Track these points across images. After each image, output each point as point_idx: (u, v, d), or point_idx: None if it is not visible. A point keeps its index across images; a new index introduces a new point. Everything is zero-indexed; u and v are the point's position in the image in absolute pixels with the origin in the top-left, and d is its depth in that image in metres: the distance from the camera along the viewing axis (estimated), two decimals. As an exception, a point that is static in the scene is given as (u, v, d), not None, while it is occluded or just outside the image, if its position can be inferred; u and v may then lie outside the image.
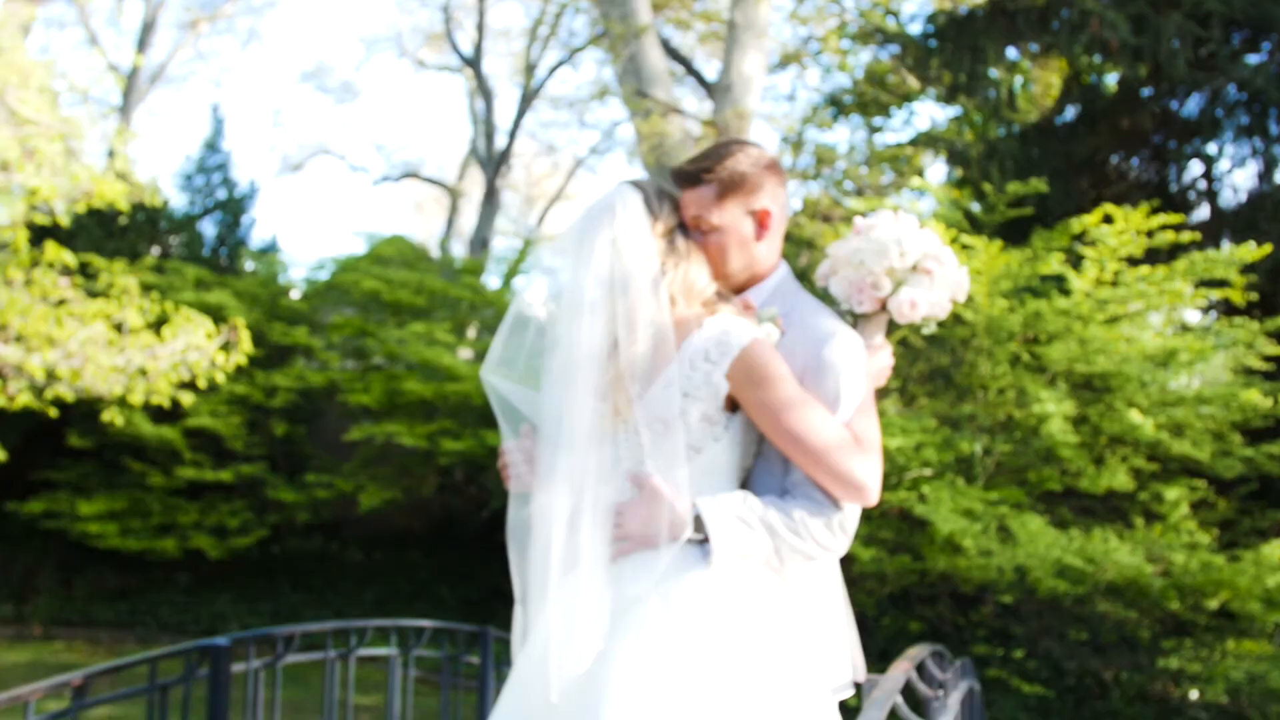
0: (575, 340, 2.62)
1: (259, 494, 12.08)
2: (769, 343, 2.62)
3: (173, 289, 11.77)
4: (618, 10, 15.27)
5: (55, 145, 6.95)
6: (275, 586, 12.46)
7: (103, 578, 12.51)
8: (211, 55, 35.21)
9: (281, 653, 3.44)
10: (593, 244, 2.65)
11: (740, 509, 2.56)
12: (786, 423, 2.55)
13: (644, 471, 2.60)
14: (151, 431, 11.30)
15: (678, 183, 2.77)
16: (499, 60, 28.31)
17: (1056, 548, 8.09)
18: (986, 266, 8.63)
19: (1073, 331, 8.80)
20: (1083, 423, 8.98)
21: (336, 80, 33.49)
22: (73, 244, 12.67)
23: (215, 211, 14.14)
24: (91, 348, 6.89)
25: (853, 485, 2.55)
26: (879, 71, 18.39)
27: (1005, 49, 12.29)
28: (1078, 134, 12.07)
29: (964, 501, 8.19)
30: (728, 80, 15.78)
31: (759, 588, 2.60)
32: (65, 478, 12.06)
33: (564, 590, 2.58)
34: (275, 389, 11.85)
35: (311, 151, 28.38)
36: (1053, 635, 9.12)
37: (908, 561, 8.43)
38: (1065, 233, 9.07)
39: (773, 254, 2.81)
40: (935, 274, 2.76)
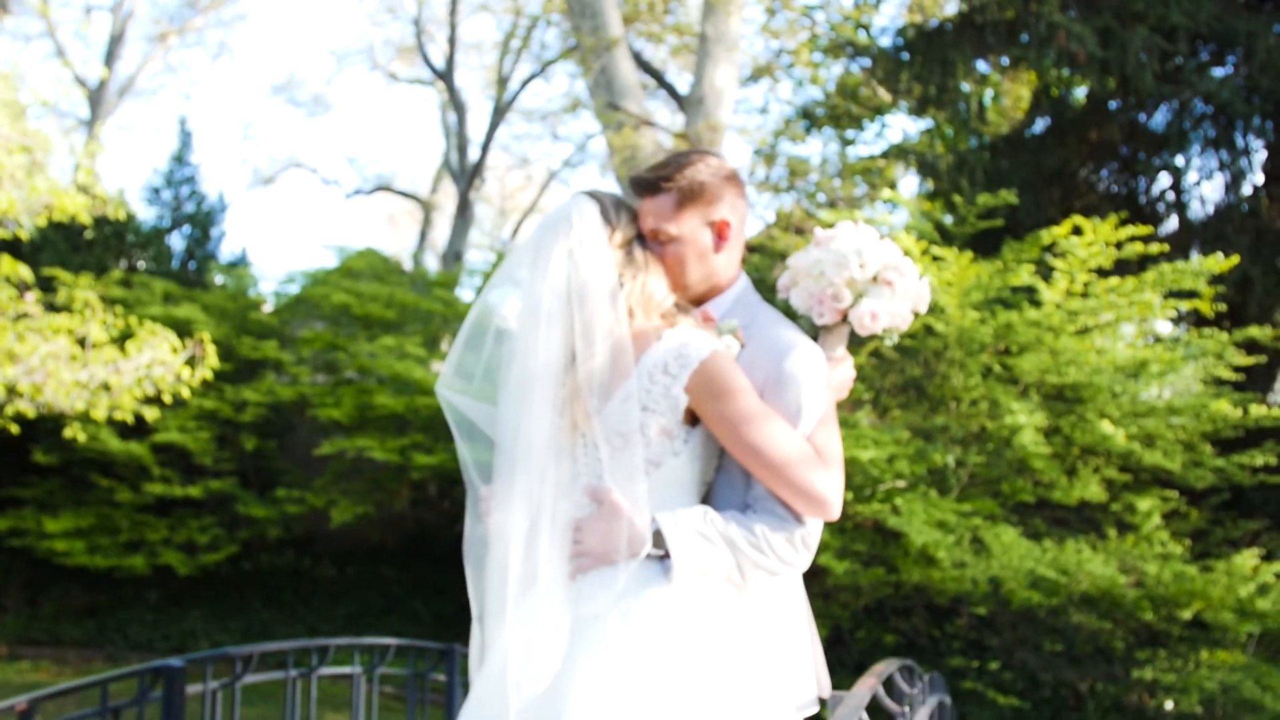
0: (532, 353, 2.58)
1: (229, 510, 11.97)
2: (729, 355, 2.59)
3: (140, 303, 11.66)
4: (589, 23, 15.26)
5: (16, 158, 6.86)
6: (246, 603, 12.34)
7: (70, 596, 12.36)
8: (181, 68, 35.04)
9: (240, 673, 3.38)
10: (549, 255, 2.61)
11: (701, 524, 2.52)
12: (746, 436, 2.51)
13: (603, 486, 2.56)
14: (119, 447, 11.18)
15: (636, 191, 2.73)
16: (471, 73, 28.32)
17: (1030, 559, 8.09)
18: (957, 278, 8.63)
19: (1044, 343, 8.81)
20: (1055, 434, 8.99)
21: (308, 93, 33.40)
22: (38, 258, 12.55)
23: (183, 225, 14.03)
24: (53, 363, 6.79)
25: (814, 499, 2.52)
26: (851, 84, 18.45)
27: (975, 62, 12.33)
28: (1047, 146, 12.12)
29: (937, 513, 8.18)
30: (699, 93, 15.79)
31: (720, 604, 2.56)
32: (31, 495, 11.91)
33: (522, 609, 2.53)
34: (245, 404, 11.74)
35: (283, 165, 28.26)
36: (1028, 647, 9.11)
37: (882, 574, 8.41)
38: (1035, 244, 9.08)
39: (732, 265, 2.78)
40: (896, 285, 2.73)
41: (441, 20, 24.84)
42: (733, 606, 2.57)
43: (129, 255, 13.07)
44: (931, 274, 8.67)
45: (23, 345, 6.93)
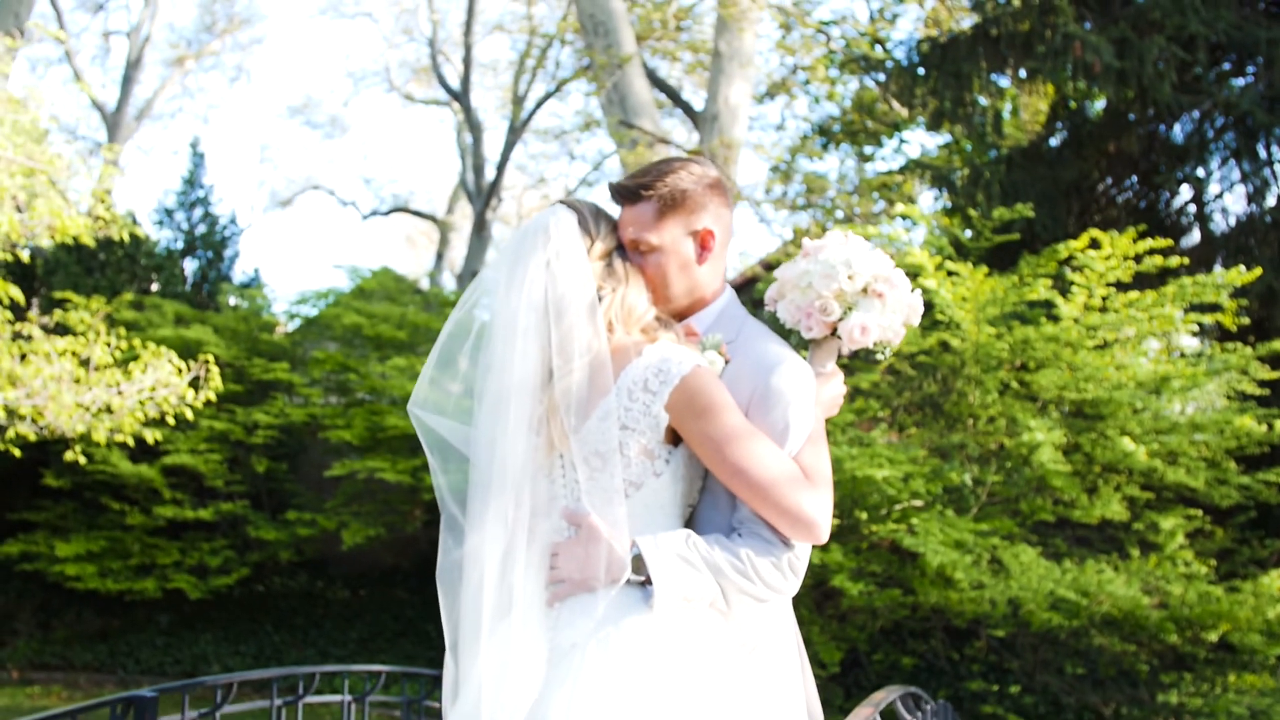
0: (508, 369, 2.47)
1: (241, 532, 11.89)
2: (712, 371, 2.47)
3: (152, 325, 11.62)
4: (601, 41, 15.21)
5: (18, 180, 6.82)
6: (258, 626, 12.24)
7: (82, 619, 12.29)
8: (199, 92, 35.21)
9: (220, 702, 3.26)
10: (526, 267, 2.50)
11: (683, 548, 2.39)
12: (730, 456, 2.39)
13: (581, 509, 2.44)
14: (130, 470, 11.11)
15: (616, 199, 2.62)
16: (486, 93, 28.34)
17: (1049, 580, 7.91)
18: (972, 293, 8.48)
19: (1062, 358, 8.65)
20: (1075, 451, 8.81)
21: (325, 115, 33.46)
22: (51, 281, 12.55)
23: (196, 247, 14.01)
24: (55, 385, 6.72)
25: (801, 522, 2.39)
26: (867, 100, 18.36)
27: (990, 75, 12.20)
28: (1064, 159, 11.97)
29: (954, 533, 8.00)
30: (714, 109, 15.70)
31: (704, 632, 2.43)
32: (43, 518, 11.86)
33: (496, 637, 2.41)
34: (256, 425, 11.67)
35: (300, 187, 28.35)
36: (1050, 669, 8.91)
37: (898, 595, 8.23)
38: (1052, 258, 8.93)
39: (716, 277, 2.66)
40: (887, 297, 2.60)
41: (457, 41, 24.90)
42: (717, 635, 2.44)
43: (141, 277, 13.04)
44: (946, 289, 8.53)
45: (26, 368, 6.87)
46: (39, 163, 7.22)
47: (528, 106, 23.50)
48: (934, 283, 8.48)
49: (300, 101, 32.95)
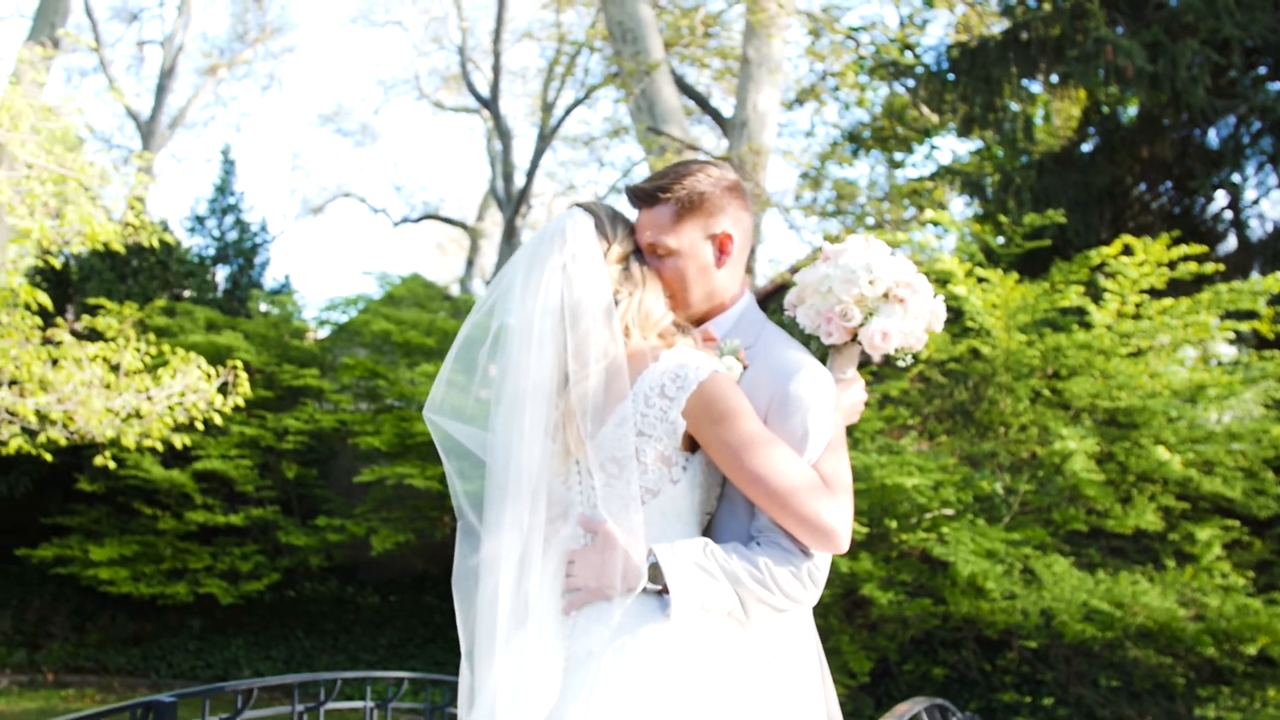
0: (523, 373, 2.44)
1: (271, 538, 11.93)
2: (730, 377, 2.43)
3: (183, 331, 11.69)
4: (630, 48, 15.20)
5: (48, 187, 6.87)
6: (289, 632, 12.28)
7: (117, 623, 12.36)
8: (231, 100, 35.50)
9: (241, 707, 3.26)
10: (542, 271, 2.47)
11: (701, 557, 2.36)
12: (748, 463, 2.35)
13: (597, 516, 2.41)
14: (162, 475, 11.18)
15: (633, 202, 2.59)
16: (516, 101, 28.41)
17: (1083, 591, 7.81)
18: (1003, 300, 8.40)
19: (1094, 366, 8.55)
20: (1108, 460, 8.70)
21: (355, 123, 33.66)
22: (85, 288, 12.66)
23: (227, 254, 14.10)
24: (86, 391, 6.76)
25: (820, 530, 2.35)
26: (898, 106, 18.28)
27: (1020, 79, 12.10)
28: (1097, 164, 11.85)
29: (985, 542, 7.92)
30: (742, 116, 15.66)
31: (722, 642, 2.39)
32: (77, 523, 11.94)
33: (512, 647, 2.38)
34: (286, 431, 11.71)
35: (332, 194, 28.53)
36: (1084, 681, 8.81)
37: (928, 605, 8.15)
38: (1084, 265, 8.84)
39: (735, 281, 2.62)
40: (909, 302, 2.56)
41: (486, 49, 24.99)
42: (736, 645, 2.40)
43: (174, 284, 13.13)
44: (976, 295, 8.45)
45: (58, 373, 6.91)
46: (70, 170, 7.27)
47: (557, 113, 23.56)
48: (964, 289, 8.41)
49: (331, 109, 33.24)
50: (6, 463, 11.21)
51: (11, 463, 11.23)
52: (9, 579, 12.38)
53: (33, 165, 7.18)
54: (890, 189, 19.12)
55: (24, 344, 6.30)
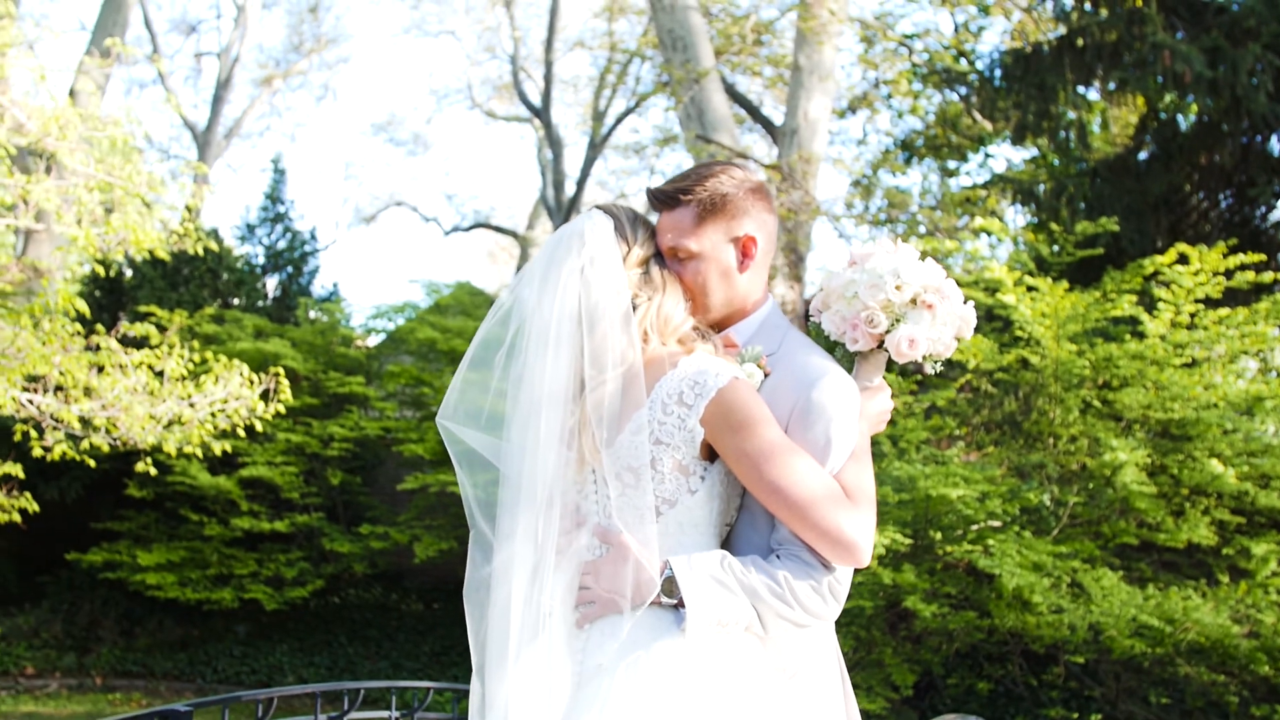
0: (539, 379, 2.39)
1: (316, 544, 11.98)
2: (750, 385, 2.37)
3: (231, 338, 11.78)
4: (680, 56, 15.16)
5: (94, 195, 6.94)
6: (333, 638, 12.32)
7: (164, 628, 12.46)
8: (286, 110, 35.89)
9: (262, 717, 3.22)
10: (559, 274, 2.42)
11: (718, 570, 2.29)
12: (767, 473, 2.28)
13: (613, 527, 2.35)
14: (209, 482, 11.26)
15: (654, 205, 2.53)
16: (567, 110, 28.47)
17: (1132, 605, 7.62)
18: (1053, 309, 8.24)
19: (1147, 376, 8.37)
20: (1160, 473, 8.51)
21: (408, 132, 33.88)
22: (137, 295, 12.80)
23: (277, 262, 14.22)
24: (129, 397, 6.81)
25: (840, 543, 2.27)
26: (951, 114, 18.10)
27: (1075, 86, 11.91)
28: (1153, 171, 11.63)
29: (1032, 555, 7.76)
30: (793, 124, 15.55)
31: (740, 658, 2.32)
32: (126, 528, 12.06)
33: (524, 662, 2.32)
34: (331, 438, 11.76)
35: (384, 203, 28.74)
36: (1134, 698, 8.60)
37: (973, 618, 8.00)
38: (1137, 273, 8.66)
39: (758, 286, 2.56)
40: (937, 309, 2.47)
41: (538, 58, 25.06)
42: (753, 661, 2.33)
43: (224, 292, 13.26)
44: (1025, 305, 8.30)
45: (103, 379, 6.97)
46: (117, 178, 7.34)
47: (608, 122, 23.57)
48: (1013, 298, 8.27)
49: (385, 119, 33.38)
50: (58, 468, 11.33)
51: (63, 469, 11.35)
52: (60, 583, 12.53)
53: (79, 173, 7.24)
54: (943, 197, 18.93)
55: (66, 350, 6.35)
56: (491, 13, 26.59)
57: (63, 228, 6.79)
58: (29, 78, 7.76)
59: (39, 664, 11.82)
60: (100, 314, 12.44)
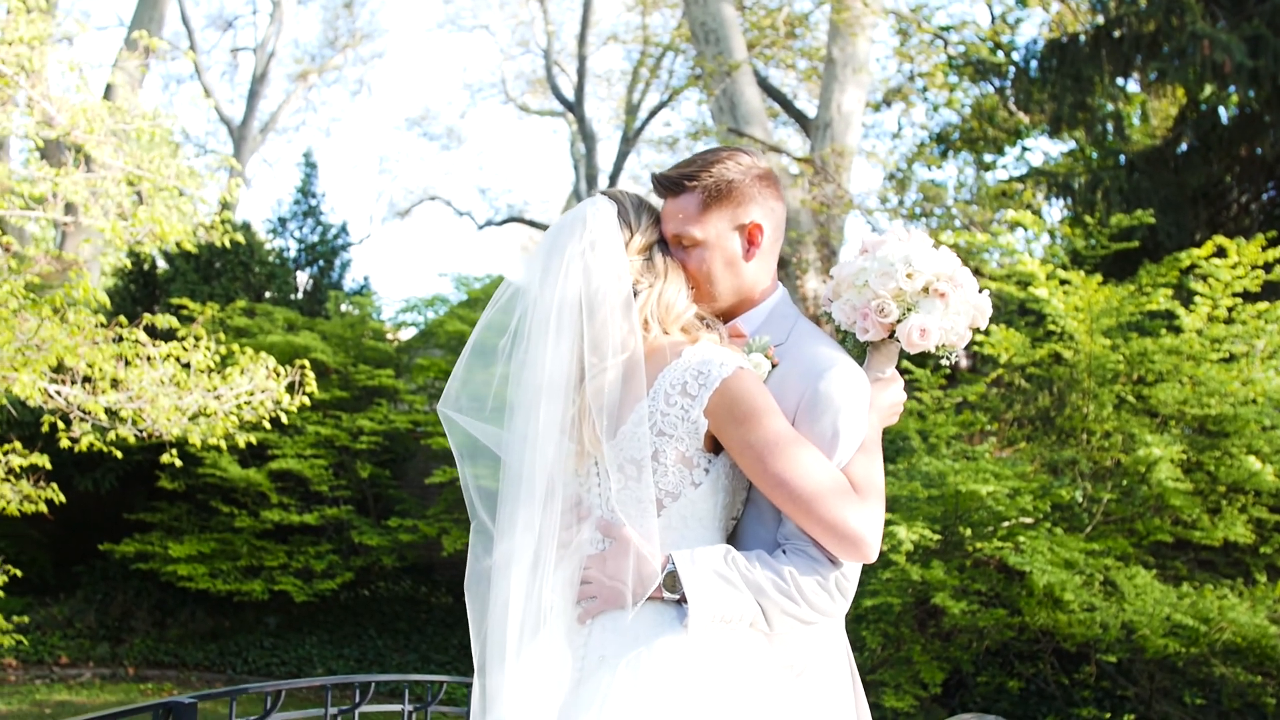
0: (540, 367, 2.34)
1: (345, 537, 12.00)
2: (756, 375, 2.30)
3: (262, 331, 11.82)
4: (712, 49, 15.08)
5: (121, 188, 6.95)
6: (362, 630, 12.35)
7: (196, 619, 12.54)
8: (321, 105, 36.06)
9: (270, 709, 3.20)
10: (561, 260, 2.37)
11: (722, 565, 2.24)
12: (772, 465, 2.22)
13: (616, 520, 2.30)
14: (239, 474, 11.31)
15: (659, 191, 2.48)
16: (600, 104, 28.48)
17: (1166, 604, 7.48)
18: (1086, 303, 8.11)
19: (1183, 371, 8.22)
20: (1196, 469, 8.36)
21: (442, 126, 33.99)
22: (170, 288, 12.88)
23: (308, 255, 14.27)
24: (156, 389, 6.82)
25: (847, 538, 2.21)
26: (987, 106, 17.91)
27: (1113, 77, 11.73)
28: (1192, 163, 11.44)
29: (1064, 552, 7.64)
30: (826, 117, 15.45)
31: (744, 655, 2.26)
32: (158, 519, 12.14)
33: (524, 658, 2.28)
34: (361, 431, 11.77)
35: (418, 197, 28.81)
36: (1169, 698, 8.46)
37: (1003, 615, 7.89)
38: (1173, 267, 8.51)
39: (766, 275, 2.49)
40: (950, 298, 2.40)
41: (572, 52, 25.04)
42: (759, 657, 2.27)
43: (255, 285, 13.31)
44: (1058, 298, 8.17)
45: (131, 371, 6.98)
46: (146, 171, 7.36)
47: (641, 116, 23.52)
48: (1045, 292, 8.15)
49: (419, 113, 33.56)
50: (92, 460, 11.42)
51: (97, 460, 11.43)
52: (94, 574, 12.63)
53: (109, 166, 7.26)
54: (979, 191, 18.74)
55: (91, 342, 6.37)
56: (525, 7, 26.60)
57: (90, 220, 6.81)
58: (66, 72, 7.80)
59: (73, 653, 11.92)
60: (134, 307, 12.52)
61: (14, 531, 12.27)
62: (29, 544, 12.73)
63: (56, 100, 7.24)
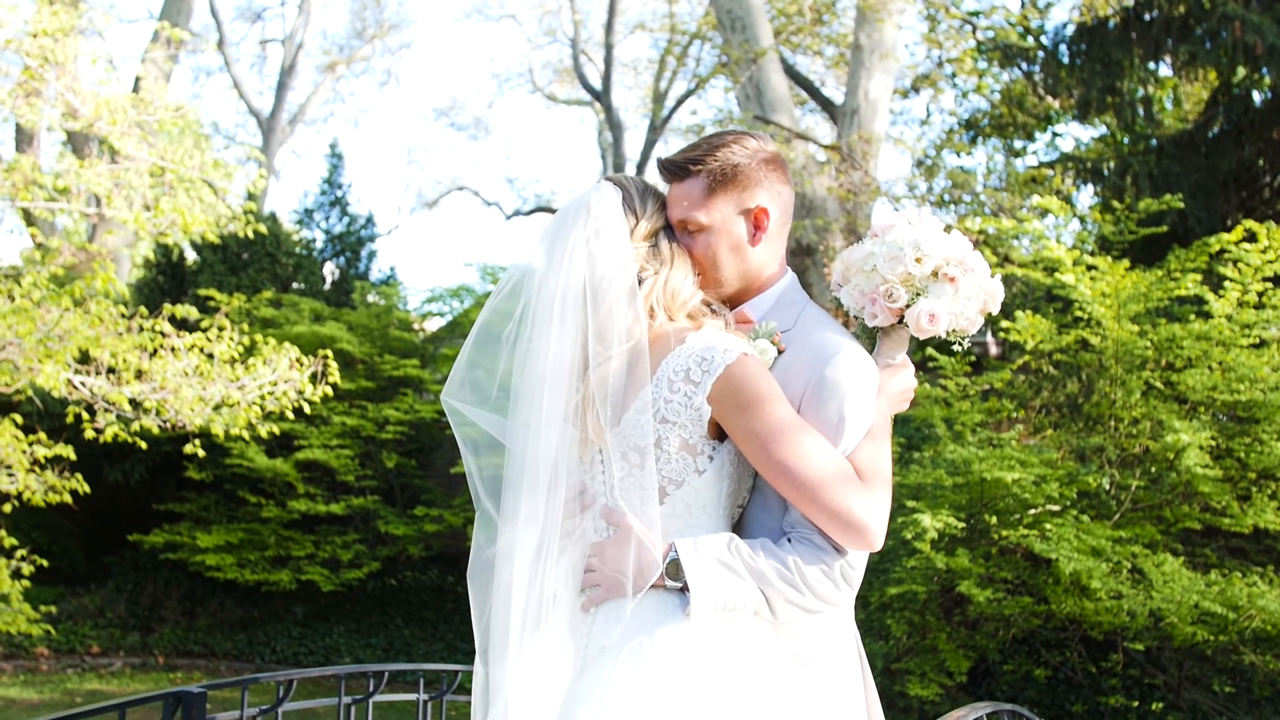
0: (544, 355, 2.32)
1: (372, 527, 12.06)
2: (760, 361, 2.28)
3: (289, 322, 11.87)
4: (739, 37, 15.00)
5: (144, 179, 6.99)
6: (389, 620, 12.41)
7: (225, 609, 12.63)
8: (350, 96, 36.15)
9: (282, 698, 3.20)
10: (565, 247, 2.35)
11: (725, 553, 2.21)
12: (776, 452, 2.19)
13: (619, 507, 2.28)
14: (265, 464, 11.38)
15: (664, 176, 2.45)
16: (627, 93, 28.37)
17: (1194, 591, 7.40)
18: (1113, 288, 8.02)
19: (1212, 357, 8.12)
20: (1226, 456, 8.26)
21: (469, 117, 34.01)
22: (198, 280, 12.95)
23: (335, 246, 14.32)
24: (179, 379, 6.87)
25: (851, 525, 2.18)
26: (1016, 92, 17.75)
27: (1143, 61, 11.59)
28: (1223, 147, 11.28)
29: (1090, 539, 7.57)
30: (853, 104, 15.34)
31: (749, 644, 2.23)
32: (187, 510, 12.23)
33: (527, 646, 2.26)
34: (386, 421, 11.82)
35: (446, 188, 28.83)
36: (1199, 686, 8.38)
37: (1029, 603, 7.82)
38: (1203, 252, 8.40)
39: (774, 260, 2.46)
40: (960, 282, 2.36)
41: (599, 41, 24.99)
42: (763, 647, 2.25)
43: (282, 276, 13.37)
44: (1085, 284, 8.09)
45: (155, 362, 7.03)
46: (169, 162, 7.39)
47: (668, 105, 23.45)
48: (1071, 278, 8.06)
49: (446, 104, 33.52)
50: (122, 451, 11.51)
51: (126, 452, 11.53)
52: (125, 564, 12.74)
53: (133, 158, 7.30)
54: (1008, 177, 18.58)
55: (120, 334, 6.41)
56: (552, -4, 26.57)
57: (114, 212, 6.85)
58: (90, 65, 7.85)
59: (104, 643, 12.04)
60: (162, 298, 12.60)
61: (47, 522, 12.40)
62: (61, 534, 12.86)
63: (80, 93, 7.29)
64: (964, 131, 19.03)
